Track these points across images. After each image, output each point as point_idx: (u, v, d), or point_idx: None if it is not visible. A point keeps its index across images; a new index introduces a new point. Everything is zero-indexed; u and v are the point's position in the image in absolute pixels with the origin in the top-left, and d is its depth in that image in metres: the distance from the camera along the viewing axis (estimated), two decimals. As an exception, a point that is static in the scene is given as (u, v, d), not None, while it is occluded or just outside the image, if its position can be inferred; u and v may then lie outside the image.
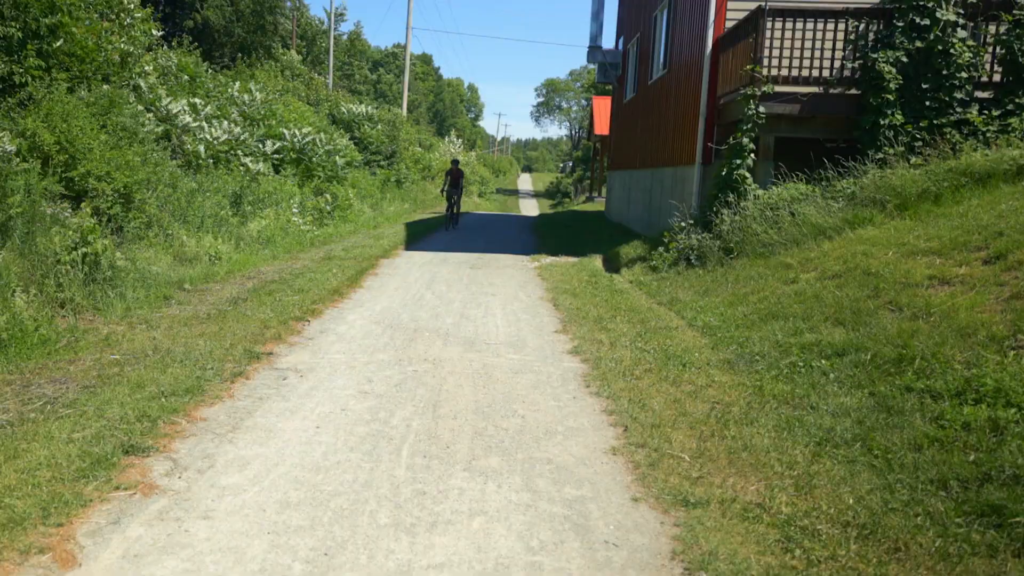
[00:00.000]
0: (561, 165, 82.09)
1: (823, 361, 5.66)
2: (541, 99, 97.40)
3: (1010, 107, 8.83)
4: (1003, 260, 6.33)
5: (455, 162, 19.64)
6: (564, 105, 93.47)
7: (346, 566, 3.00)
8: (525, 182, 79.68)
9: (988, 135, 8.69)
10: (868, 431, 4.36)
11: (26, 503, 3.28)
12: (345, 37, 51.26)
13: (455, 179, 18.96)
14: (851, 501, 3.58)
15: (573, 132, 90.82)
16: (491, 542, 3.24)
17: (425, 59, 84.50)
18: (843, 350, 5.74)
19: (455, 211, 19.12)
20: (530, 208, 42.58)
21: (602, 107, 35.41)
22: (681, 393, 5.31)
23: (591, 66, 32.78)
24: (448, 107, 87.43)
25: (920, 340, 5.44)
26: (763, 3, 9.56)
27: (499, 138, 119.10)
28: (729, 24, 11.15)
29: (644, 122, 17.29)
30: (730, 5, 11.21)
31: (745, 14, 10.30)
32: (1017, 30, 8.82)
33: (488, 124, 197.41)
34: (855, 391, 5.06)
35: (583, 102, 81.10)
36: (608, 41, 26.78)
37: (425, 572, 2.98)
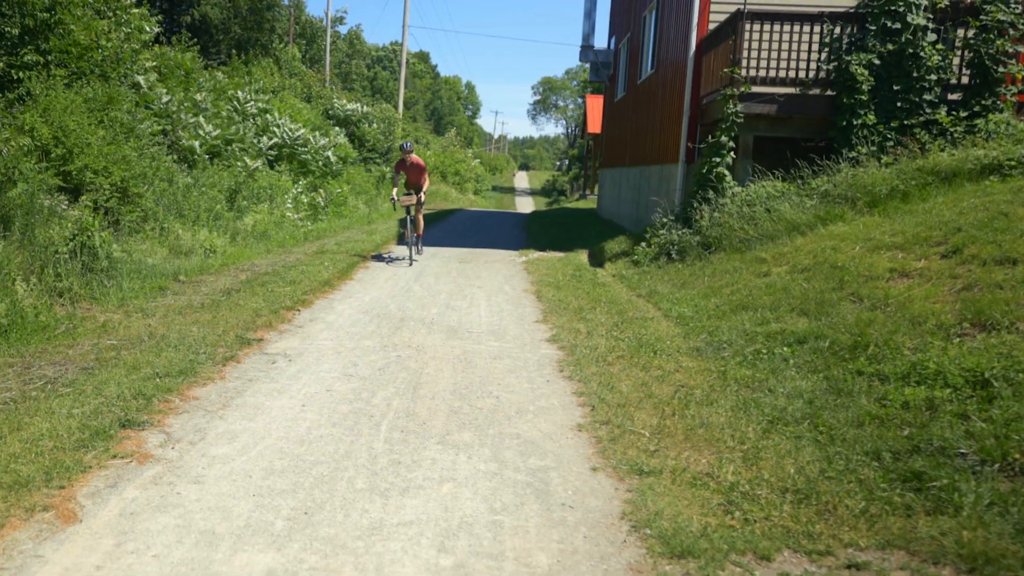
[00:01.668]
0: (557, 163, 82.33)
1: (785, 348, 5.97)
2: (538, 97, 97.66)
3: (976, 109, 9.15)
4: (959, 254, 6.64)
5: (406, 148, 11.96)
6: (561, 103, 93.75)
7: (324, 523, 3.30)
8: (521, 180, 79.98)
9: (955, 135, 9.00)
10: (817, 411, 4.67)
11: (30, 468, 3.58)
12: (344, 36, 51.50)
13: (413, 176, 12.16)
14: (792, 471, 3.89)
15: (569, 130, 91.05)
16: (458, 504, 3.54)
17: (422, 57, 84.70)
18: (804, 338, 6.05)
19: (415, 231, 12.34)
20: (526, 206, 42.82)
21: (595, 106, 35.70)
22: (649, 377, 5.62)
23: (586, 65, 33.12)
24: (445, 105, 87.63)
25: (875, 328, 5.75)
26: (742, 7, 9.86)
27: (496, 136, 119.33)
28: (712, 26, 11.46)
29: (634, 121, 17.59)
30: (713, 8, 11.51)
31: (726, 16, 10.60)
32: (983, 35, 9.14)
33: (485, 122, 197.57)
34: (811, 375, 5.36)
35: (579, 100, 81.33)
36: (601, 40, 27.10)
37: (395, 528, 3.28)
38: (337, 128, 24.68)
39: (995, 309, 5.39)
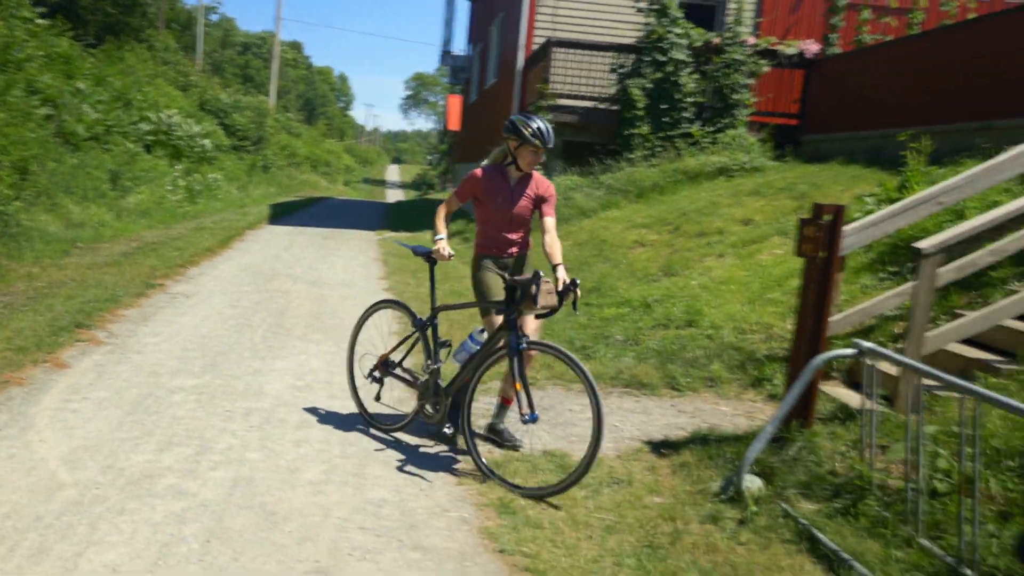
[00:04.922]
0: (429, 158, 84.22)
1: (549, 292, 8.52)
2: (410, 92, 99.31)
3: (720, 125, 12.14)
4: (679, 231, 9.44)
5: (534, 130, 4.13)
6: (432, 99, 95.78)
7: (225, 368, 5.51)
8: (393, 173, 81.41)
9: (704, 145, 11.94)
10: (550, 324, 7.20)
11: (26, 342, 5.56)
12: (217, 23, 51.58)
13: (518, 212, 4.54)
14: (518, 350, 6.36)
15: (440, 125, 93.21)
16: (308, 364, 5.83)
17: (295, 46, 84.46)
18: (563, 285, 8.62)
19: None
20: (394, 197, 44.76)
21: (455, 104, 38.07)
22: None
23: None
24: (319, 96, 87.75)
25: (609, 279, 8.40)
26: (551, 36, 12.47)
27: (369, 129, 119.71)
28: (535, 46, 14.04)
29: (482, 122, 20.10)
30: (536, 32, 14.12)
31: (544, 41, 13.19)
32: (724, 69, 12.14)
33: (358, 114, 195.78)
34: (558, 306, 7.92)
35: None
36: (461, 44, 29.51)
37: (270, 372, 5.54)
38: (210, 117, 25.94)
39: (678, 264, 8.16)
